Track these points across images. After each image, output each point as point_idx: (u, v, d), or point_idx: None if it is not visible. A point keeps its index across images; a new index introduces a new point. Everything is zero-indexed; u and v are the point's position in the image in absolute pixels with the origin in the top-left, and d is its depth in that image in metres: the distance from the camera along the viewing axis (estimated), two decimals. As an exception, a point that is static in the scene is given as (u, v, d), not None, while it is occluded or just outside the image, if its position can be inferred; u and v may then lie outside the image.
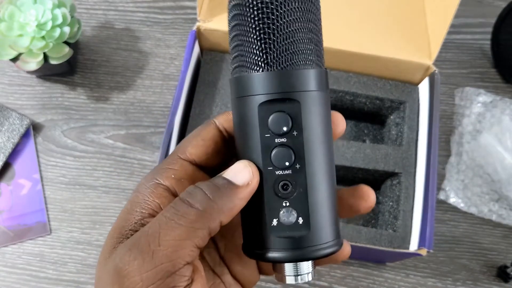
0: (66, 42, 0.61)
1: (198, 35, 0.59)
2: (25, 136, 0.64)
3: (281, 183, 0.24)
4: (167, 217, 0.22)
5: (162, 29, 0.71)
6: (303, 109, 0.24)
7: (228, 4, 0.25)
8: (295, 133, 0.24)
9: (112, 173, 0.63)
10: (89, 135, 0.65)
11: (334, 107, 0.62)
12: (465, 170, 0.63)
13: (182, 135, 0.56)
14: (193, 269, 0.23)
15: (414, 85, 0.60)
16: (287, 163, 0.24)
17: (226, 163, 0.28)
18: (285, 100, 0.24)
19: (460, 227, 0.62)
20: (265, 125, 0.24)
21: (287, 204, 0.24)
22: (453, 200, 0.61)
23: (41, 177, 0.62)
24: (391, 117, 0.61)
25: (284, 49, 0.24)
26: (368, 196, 0.28)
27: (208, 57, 0.61)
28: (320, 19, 0.26)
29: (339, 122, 0.27)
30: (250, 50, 0.24)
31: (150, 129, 0.65)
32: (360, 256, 0.58)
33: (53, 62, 0.60)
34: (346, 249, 0.28)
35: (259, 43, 0.24)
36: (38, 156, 0.63)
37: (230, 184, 0.23)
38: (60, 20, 0.59)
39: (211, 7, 0.59)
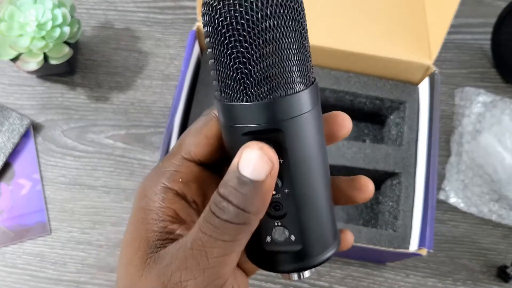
0: (66, 42, 0.61)
1: (198, 35, 0.59)
2: (25, 136, 0.64)
3: (272, 205, 0.24)
4: (208, 235, 0.22)
5: (162, 29, 0.71)
6: (288, 137, 0.22)
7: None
8: (281, 160, 0.23)
9: (112, 173, 0.63)
10: (89, 135, 0.65)
11: (334, 107, 0.62)
12: (465, 170, 0.63)
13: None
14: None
15: (414, 85, 0.60)
16: (274, 191, 0.23)
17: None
18: (269, 130, 0.22)
19: (460, 227, 0.62)
20: None
21: (279, 224, 0.24)
22: (453, 200, 0.61)
23: (41, 177, 0.62)
24: (391, 117, 0.61)
25: (263, 78, 0.21)
26: (366, 188, 0.27)
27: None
28: (305, 25, 0.23)
29: (345, 123, 0.26)
30: (227, 77, 0.22)
31: (150, 129, 0.65)
32: (360, 256, 0.58)
33: (53, 62, 0.60)
34: (349, 240, 0.28)
35: (235, 72, 0.22)
36: (38, 156, 0.63)
37: (255, 184, 0.21)
38: (60, 20, 0.59)
39: (211, 7, 0.59)
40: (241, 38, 0.21)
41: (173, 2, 0.73)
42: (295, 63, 0.22)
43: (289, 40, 0.22)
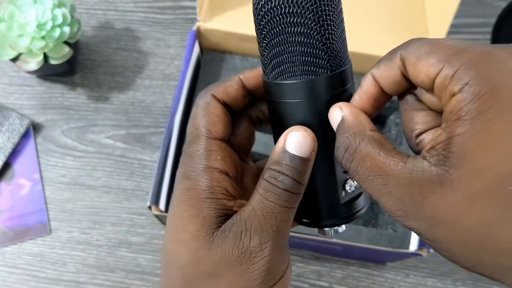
0: (66, 42, 0.61)
1: (198, 35, 0.59)
2: (25, 136, 0.64)
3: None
4: (274, 202, 0.25)
5: (162, 29, 0.71)
6: (351, 97, 0.27)
7: (256, 9, 0.26)
8: None
9: (112, 173, 0.63)
10: (89, 135, 0.65)
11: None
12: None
13: (182, 135, 0.57)
14: None
15: (414, 85, 0.60)
16: None
17: (253, 103, 0.30)
18: (343, 91, 0.27)
19: (460, 227, 0.62)
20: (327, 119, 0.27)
21: (348, 177, 0.28)
22: (453, 200, 0.61)
23: (41, 177, 0.62)
24: (391, 117, 0.61)
25: (339, 51, 0.26)
26: None
27: (208, 57, 0.61)
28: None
29: None
30: (310, 54, 0.26)
31: (150, 129, 0.65)
32: (360, 256, 0.58)
33: (53, 62, 0.60)
34: None
35: (321, 47, 0.26)
36: (38, 156, 0.63)
37: (303, 160, 0.26)
38: (60, 20, 0.59)
39: (211, 7, 0.59)
40: (325, 15, 0.25)
41: (173, 2, 0.73)
42: (346, 43, 0.28)
43: (342, 24, 0.27)
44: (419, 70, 0.22)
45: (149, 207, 0.50)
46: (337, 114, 0.25)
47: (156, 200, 0.50)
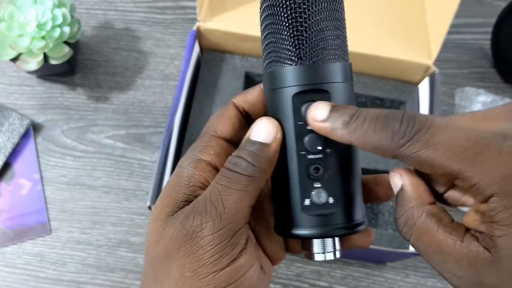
0: (66, 42, 0.61)
1: (198, 35, 0.59)
2: (25, 136, 0.64)
3: (313, 167, 0.26)
4: (223, 185, 0.26)
5: (162, 29, 0.71)
6: (332, 99, 0.26)
7: (260, 5, 0.28)
8: None
9: (112, 173, 0.63)
10: (89, 135, 0.65)
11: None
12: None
13: (182, 135, 0.57)
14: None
15: (414, 85, 0.60)
16: (319, 148, 0.26)
17: None
18: (316, 90, 0.26)
19: (460, 227, 0.62)
20: (298, 114, 0.26)
21: (319, 185, 0.26)
22: (453, 200, 0.61)
23: (41, 177, 0.62)
24: (391, 117, 0.61)
25: (315, 45, 0.26)
26: (388, 184, 0.29)
27: (208, 57, 0.61)
28: (344, 17, 0.28)
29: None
30: (283, 46, 0.26)
31: (150, 129, 0.65)
32: (360, 256, 0.58)
33: (53, 62, 0.60)
34: (371, 236, 0.30)
35: (292, 40, 0.26)
36: (38, 156, 0.63)
37: (263, 145, 0.26)
38: (60, 20, 0.59)
39: (211, 7, 0.59)
40: (301, 11, 0.26)
41: (173, 2, 0.73)
42: (339, 38, 0.27)
43: (334, 23, 0.27)
44: (434, 172, 0.23)
45: (149, 207, 0.50)
46: (397, 180, 0.26)
47: (156, 200, 0.50)
